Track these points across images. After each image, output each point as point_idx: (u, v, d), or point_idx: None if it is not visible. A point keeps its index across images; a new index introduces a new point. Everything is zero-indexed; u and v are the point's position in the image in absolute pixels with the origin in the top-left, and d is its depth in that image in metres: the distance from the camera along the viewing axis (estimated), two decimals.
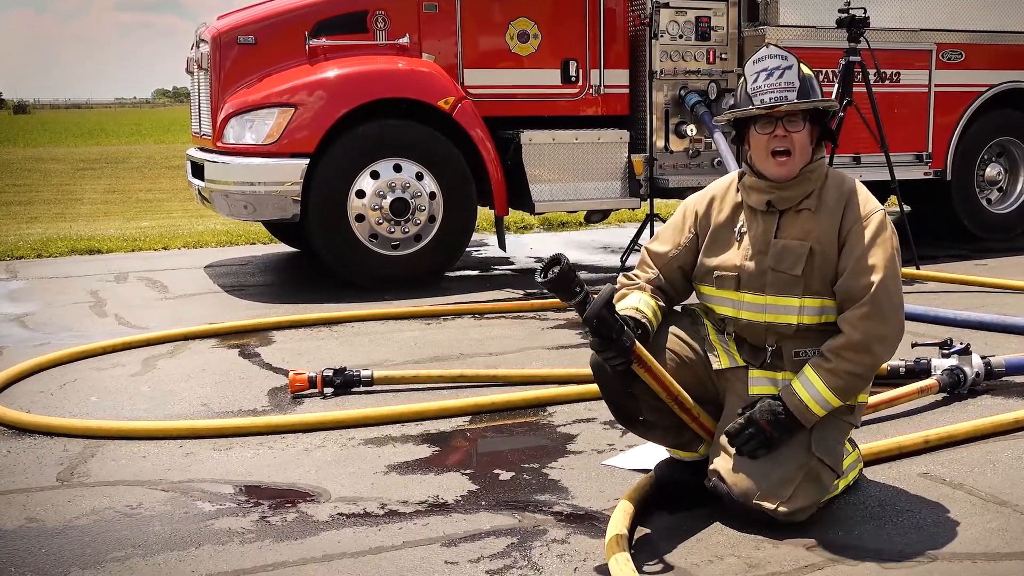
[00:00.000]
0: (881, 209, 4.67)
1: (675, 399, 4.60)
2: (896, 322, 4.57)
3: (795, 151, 4.66)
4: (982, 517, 4.64)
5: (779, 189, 4.71)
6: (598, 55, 11.26)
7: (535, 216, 14.33)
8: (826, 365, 4.54)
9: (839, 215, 4.65)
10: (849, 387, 4.58)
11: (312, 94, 10.10)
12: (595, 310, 4.20)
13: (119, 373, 7.30)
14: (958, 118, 12.52)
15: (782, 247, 4.69)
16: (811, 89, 4.66)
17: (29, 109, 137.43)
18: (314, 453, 5.60)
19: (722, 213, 4.89)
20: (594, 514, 4.73)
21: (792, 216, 4.72)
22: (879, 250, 4.56)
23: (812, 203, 4.69)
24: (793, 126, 4.65)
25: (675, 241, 4.96)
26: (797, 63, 4.67)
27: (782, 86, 4.63)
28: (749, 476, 4.50)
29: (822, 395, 4.53)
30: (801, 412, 4.54)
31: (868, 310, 4.49)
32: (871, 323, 4.50)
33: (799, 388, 4.57)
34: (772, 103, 4.63)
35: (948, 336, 6.89)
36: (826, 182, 4.74)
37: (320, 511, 4.79)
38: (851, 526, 4.58)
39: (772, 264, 4.70)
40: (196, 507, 4.86)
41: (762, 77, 4.68)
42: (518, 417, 6.25)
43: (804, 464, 4.51)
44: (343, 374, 6.71)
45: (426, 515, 4.73)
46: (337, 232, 10.16)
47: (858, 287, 4.53)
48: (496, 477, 5.22)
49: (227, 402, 6.60)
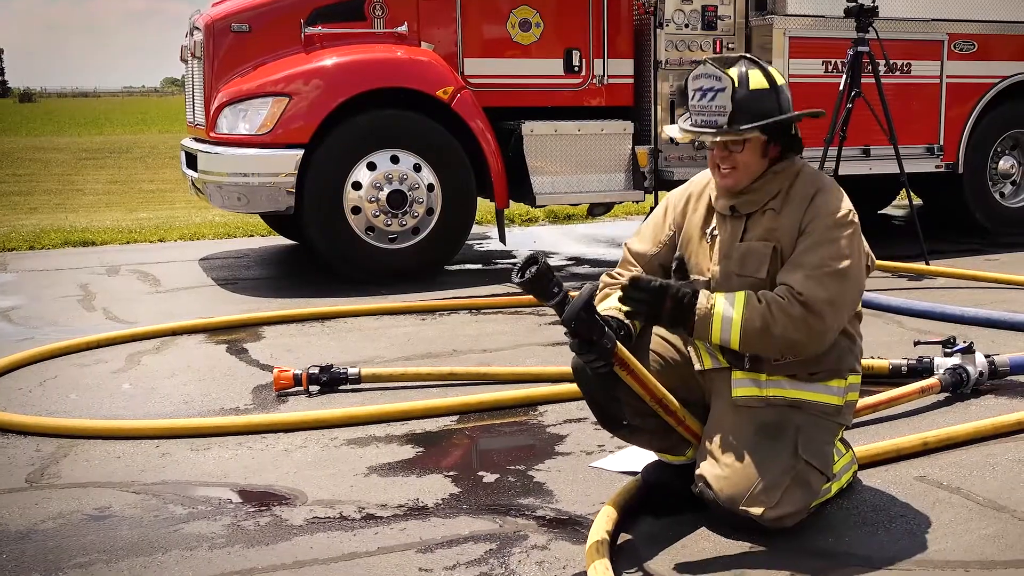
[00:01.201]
0: (847, 208, 4.49)
1: (659, 402, 4.49)
2: (832, 321, 4.41)
3: (738, 168, 4.55)
4: (978, 523, 4.56)
5: (743, 193, 4.61)
6: (602, 44, 11.16)
7: (540, 209, 14.28)
8: (756, 304, 4.37)
9: (802, 213, 4.50)
10: (758, 338, 4.38)
11: (307, 83, 10.03)
12: (574, 311, 4.10)
13: (101, 370, 7.24)
14: (970, 110, 12.39)
15: (745, 250, 4.58)
16: (745, 112, 4.47)
17: (35, 98, 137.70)
18: (294, 454, 5.53)
19: (697, 213, 4.80)
20: (578, 519, 4.65)
21: (757, 218, 4.60)
22: (826, 248, 4.40)
23: (777, 203, 4.56)
24: (734, 147, 4.53)
25: (655, 239, 4.89)
26: (731, 85, 4.47)
27: (712, 110, 4.49)
28: (735, 481, 4.40)
29: (731, 322, 4.36)
30: (702, 317, 4.38)
31: (801, 298, 4.33)
32: (802, 309, 4.31)
33: (717, 299, 4.40)
34: (699, 129, 4.54)
35: (953, 334, 6.78)
36: (796, 180, 4.60)
37: (295, 515, 4.72)
38: (842, 532, 4.50)
39: (736, 269, 4.58)
40: (167, 510, 4.79)
41: (698, 96, 4.55)
42: (507, 417, 6.18)
43: (791, 468, 4.41)
44: (329, 372, 6.63)
45: (404, 519, 4.65)
46: (332, 225, 10.09)
47: (791, 279, 4.39)
48: (480, 479, 5.15)
49: (209, 400, 6.53)
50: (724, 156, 4.54)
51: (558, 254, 12.39)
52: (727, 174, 4.56)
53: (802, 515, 4.44)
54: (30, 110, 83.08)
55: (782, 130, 4.62)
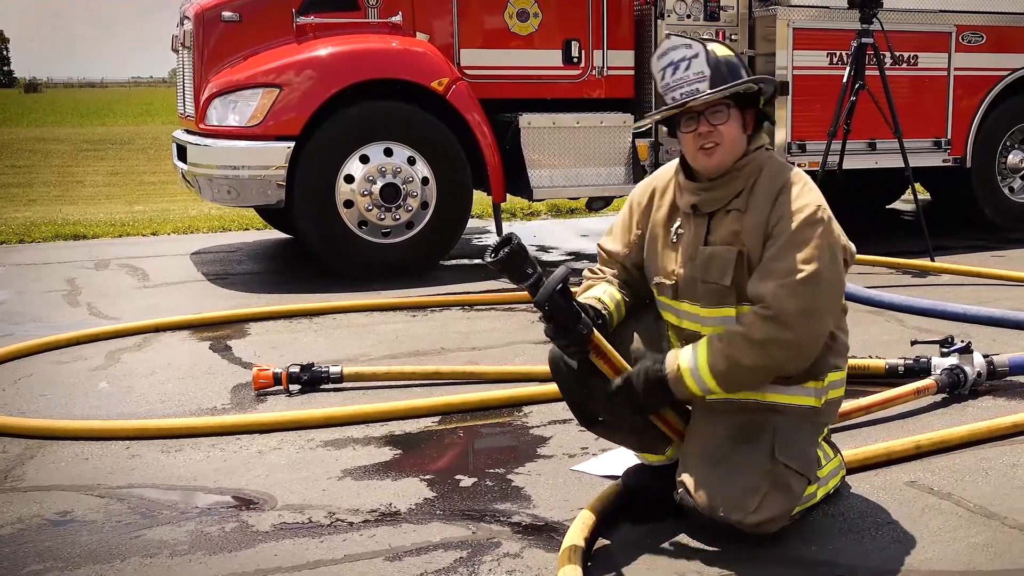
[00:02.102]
0: (815, 204, 4.30)
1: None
2: (801, 330, 4.21)
3: (724, 143, 4.38)
4: (967, 531, 4.46)
5: (705, 190, 4.46)
6: (601, 35, 11.05)
7: (541, 203, 14.20)
8: (718, 343, 4.26)
9: (767, 212, 4.33)
10: (732, 376, 4.26)
11: (298, 74, 9.95)
12: (547, 292, 4.01)
13: (79, 367, 7.15)
14: (979, 103, 12.28)
15: (709, 255, 4.42)
16: (726, 75, 4.33)
17: (41, 88, 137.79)
18: (267, 456, 5.44)
19: (661, 210, 4.65)
20: (554, 525, 4.55)
21: (721, 218, 4.44)
22: (797, 252, 4.22)
23: (741, 203, 4.40)
24: (716, 118, 4.36)
25: (624, 239, 4.77)
26: (704, 49, 4.33)
27: (691, 78, 4.31)
28: (714, 487, 4.29)
29: (700, 372, 4.25)
30: (674, 380, 4.27)
31: (769, 313, 4.18)
32: (770, 325, 4.18)
33: (681, 355, 4.31)
34: (683, 99, 4.34)
35: (951, 333, 6.68)
36: (760, 176, 4.43)
37: (262, 520, 4.63)
38: (827, 539, 4.40)
39: (700, 274, 4.44)
40: (130, 515, 4.70)
41: (669, 73, 4.35)
42: (491, 417, 6.08)
43: (769, 472, 4.29)
44: (310, 370, 6.54)
45: (374, 525, 4.56)
46: (324, 219, 10.01)
47: (763, 290, 4.23)
48: (456, 483, 5.06)
49: (187, 399, 6.44)
50: (707, 131, 4.36)
51: (558, 248, 12.32)
52: (712, 151, 4.38)
53: (784, 521, 4.33)
54: (34, 100, 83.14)
55: (754, 101, 4.48)
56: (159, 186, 20.41)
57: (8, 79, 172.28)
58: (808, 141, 11.30)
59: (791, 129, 11.31)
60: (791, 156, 11.25)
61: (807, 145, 11.31)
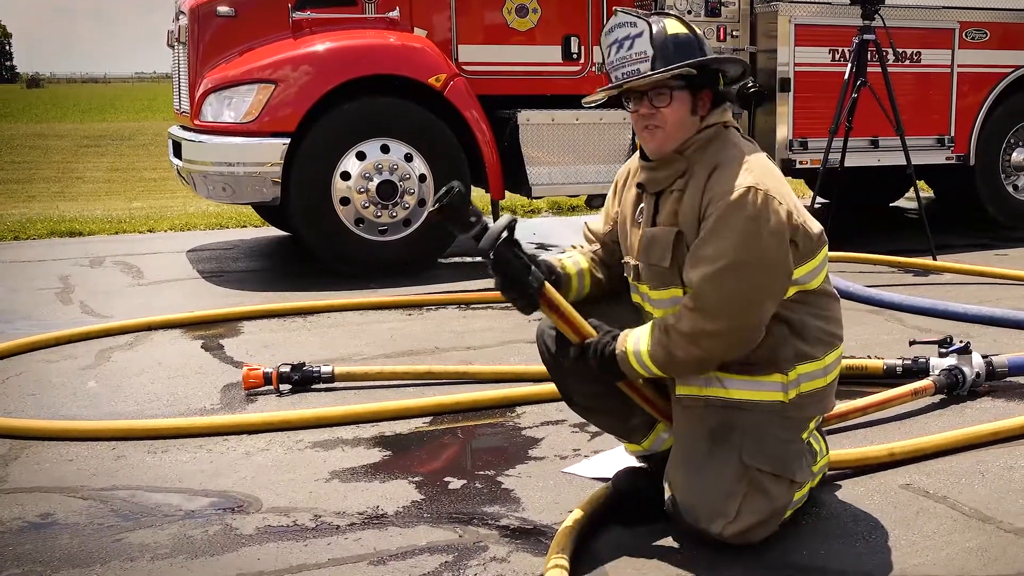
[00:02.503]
0: (746, 185, 4.10)
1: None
2: (728, 320, 4.10)
3: (665, 126, 4.26)
4: (962, 535, 4.41)
5: (649, 170, 4.38)
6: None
7: (542, 200, 14.17)
8: (658, 333, 4.18)
9: (701, 192, 4.20)
10: (670, 366, 4.21)
11: (294, 70, 9.91)
12: (491, 239, 3.97)
13: (69, 367, 7.11)
14: (982, 100, 12.22)
15: (651, 236, 4.35)
16: (672, 55, 4.20)
17: (43, 83, 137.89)
18: (255, 457, 5.39)
19: (630, 191, 4.57)
20: (543, 528, 4.51)
21: (666, 198, 4.34)
22: (721, 237, 4.09)
23: (682, 183, 4.29)
24: (659, 100, 4.25)
25: (608, 216, 4.76)
26: (648, 28, 4.20)
27: (632, 58, 4.21)
28: (694, 495, 4.23)
29: (642, 358, 4.19)
30: (622, 360, 4.22)
31: (695, 305, 4.11)
32: (697, 318, 4.09)
33: (631, 336, 4.24)
34: (622, 80, 4.26)
35: (952, 333, 6.63)
36: (704, 155, 4.29)
37: (246, 523, 4.58)
38: (818, 544, 4.35)
39: (642, 256, 4.40)
40: (113, 518, 4.65)
41: (614, 50, 4.27)
42: (484, 418, 6.04)
43: (743, 474, 4.19)
44: (301, 370, 6.50)
45: (360, 528, 4.52)
46: (320, 216, 9.97)
47: (693, 277, 4.14)
48: (445, 486, 5.01)
49: (176, 399, 6.39)
50: (649, 113, 4.26)
51: (557, 246, 12.25)
52: (652, 134, 4.28)
53: (769, 528, 4.27)
54: (36, 96, 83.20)
55: (710, 81, 4.35)
56: (159, 182, 20.36)
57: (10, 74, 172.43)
58: (810, 139, 11.25)
59: (792, 126, 11.25)
60: (793, 154, 11.21)
61: (809, 143, 11.26)
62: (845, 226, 12.90)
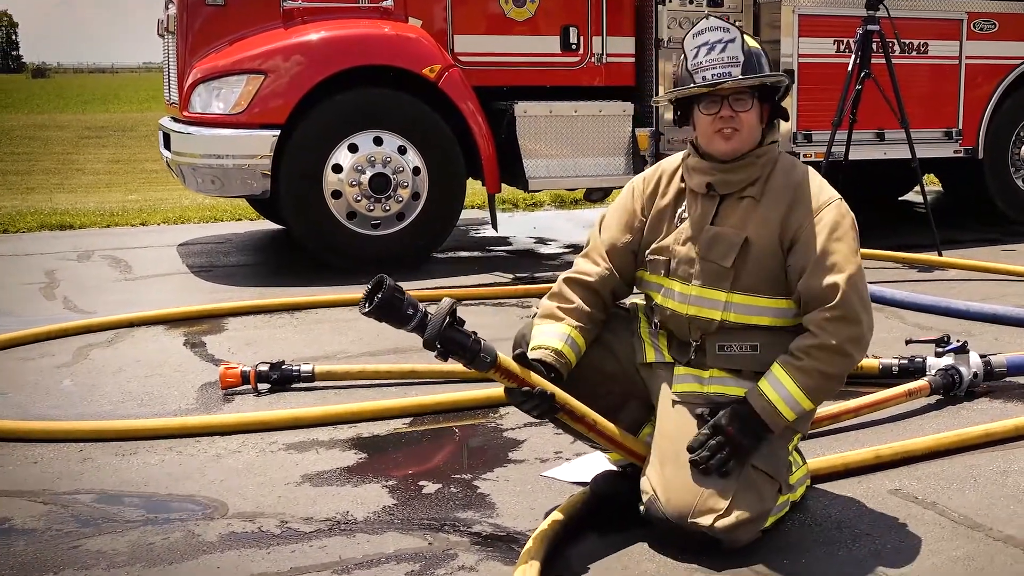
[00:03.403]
0: (836, 199, 4.45)
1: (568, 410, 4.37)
2: (867, 319, 4.33)
3: (742, 130, 4.46)
4: (950, 543, 4.32)
5: (722, 172, 4.49)
6: (601, 21, 10.91)
7: (544, 193, 14.09)
8: (797, 363, 4.28)
9: (784, 207, 4.41)
10: (822, 388, 4.36)
11: (285, 60, 9.82)
12: (435, 330, 3.99)
13: (45, 364, 7.02)
14: (991, 92, 12.09)
15: (715, 234, 4.45)
16: (757, 64, 4.43)
17: (49, 73, 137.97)
18: (226, 460, 5.30)
19: (667, 196, 4.66)
20: (516, 535, 4.41)
21: (733, 203, 4.49)
22: (841, 245, 4.34)
23: (756, 191, 4.47)
24: (739, 105, 4.45)
25: (627, 224, 4.71)
26: (740, 35, 4.43)
27: (725, 61, 4.38)
28: (681, 490, 4.18)
29: (792, 396, 4.27)
30: (770, 415, 4.27)
31: (840, 313, 4.24)
32: (843, 326, 4.25)
33: (767, 388, 4.30)
34: (715, 80, 4.38)
35: (953, 331, 6.55)
36: (775, 169, 4.51)
37: (210, 529, 4.49)
38: (800, 552, 4.26)
39: (702, 252, 4.46)
40: (72, 523, 4.56)
41: (703, 52, 4.42)
42: (465, 419, 5.95)
43: (738, 472, 4.21)
44: (280, 369, 6.41)
45: (327, 535, 4.42)
46: (311, 210, 9.88)
47: (824, 287, 4.27)
48: (419, 490, 4.92)
49: (150, 399, 6.31)
50: (729, 117, 4.43)
51: (556, 241, 12.18)
52: (731, 136, 4.45)
53: (756, 529, 4.22)
54: (40, 86, 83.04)
55: (774, 94, 4.59)
56: (161, 174, 20.18)
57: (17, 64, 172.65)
58: (814, 131, 11.15)
59: (796, 119, 11.15)
60: (796, 146, 11.11)
61: (813, 135, 11.16)
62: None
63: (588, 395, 4.47)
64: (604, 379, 4.63)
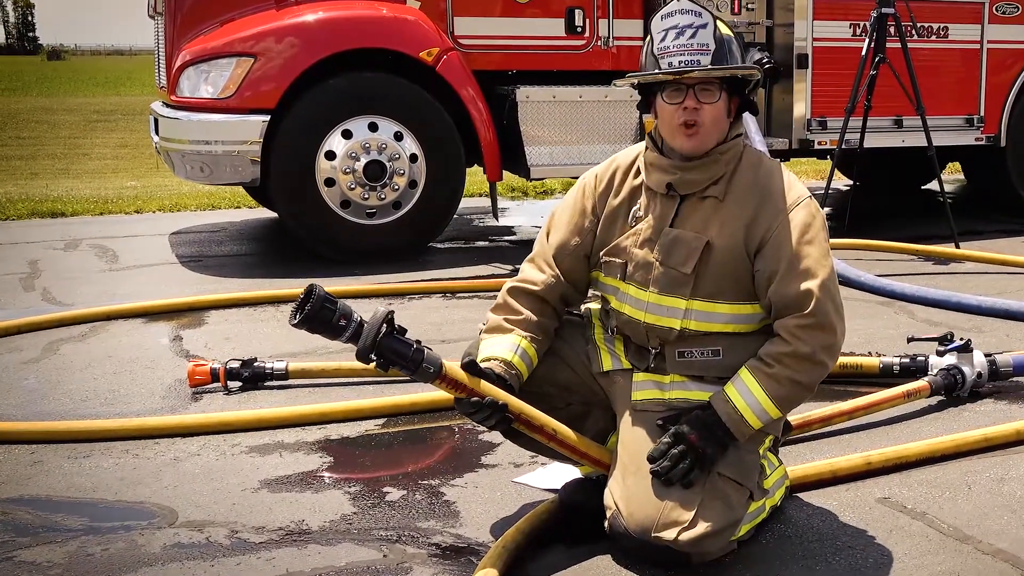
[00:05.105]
0: (806, 197, 4.24)
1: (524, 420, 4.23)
2: (841, 326, 4.17)
3: (707, 124, 4.22)
4: (935, 556, 4.15)
5: (683, 170, 4.27)
6: (608, 3, 10.73)
7: (554, 180, 13.93)
8: (767, 370, 4.11)
9: (751, 208, 4.21)
10: (791, 397, 4.18)
11: (276, 42, 9.67)
12: (369, 341, 3.85)
13: (10, 360, 6.89)
14: (1014, 78, 11.92)
15: (674, 238, 4.26)
16: (728, 54, 4.21)
17: (64, 56, 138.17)
18: (183, 463, 5.16)
19: (622, 192, 4.44)
20: (477, 547, 4.26)
21: (694, 203, 4.29)
22: (812, 248, 4.15)
23: (720, 190, 4.26)
24: (706, 96, 4.21)
25: (577, 225, 4.51)
26: (713, 21, 4.20)
27: (694, 48, 4.16)
28: (644, 502, 4.01)
29: (760, 404, 4.11)
30: (735, 423, 4.11)
31: (814, 321, 4.08)
32: (817, 334, 4.09)
33: (734, 394, 4.14)
34: (681, 68, 4.17)
35: (964, 328, 6.38)
36: (739, 166, 4.31)
37: (154, 539, 4.34)
38: (775, 567, 4.09)
39: (661, 256, 4.27)
40: (8, 532, 4.40)
41: (671, 36, 4.19)
42: (441, 420, 5.80)
43: (702, 481, 4.03)
44: (251, 366, 6.27)
45: (277, 546, 4.27)
46: (303, 198, 9.74)
47: (796, 294, 4.10)
48: (383, 496, 4.77)
49: (115, 397, 6.17)
50: (693, 107, 4.19)
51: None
52: (693, 132, 4.21)
53: (726, 540, 4.05)
54: (54, 68, 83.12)
55: (743, 87, 4.36)
56: None
57: (33, 46, 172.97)
58: (829, 118, 10.98)
59: (811, 105, 10.99)
60: (811, 134, 10.94)
61: (828, 122, 10.99)
62: (869, 210, 12.64)
63: (546, 410, 4.31)
64: (560, 391, 4.47)
